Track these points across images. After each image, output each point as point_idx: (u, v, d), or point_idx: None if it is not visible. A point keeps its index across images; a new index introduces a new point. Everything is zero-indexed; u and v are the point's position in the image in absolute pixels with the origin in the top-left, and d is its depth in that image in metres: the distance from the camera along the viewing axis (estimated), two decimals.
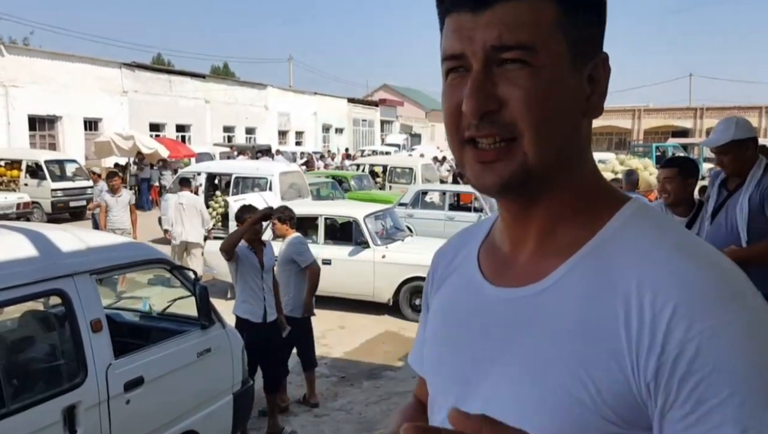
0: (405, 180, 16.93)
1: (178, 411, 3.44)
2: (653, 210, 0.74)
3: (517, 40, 0.65)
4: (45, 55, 21.85)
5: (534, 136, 0.67)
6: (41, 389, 2.82)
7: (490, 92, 0.67)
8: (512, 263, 0.75)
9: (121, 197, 8.59)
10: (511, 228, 0.76)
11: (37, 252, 2.86)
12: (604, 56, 0.72)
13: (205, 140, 26.95)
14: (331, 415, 5.07)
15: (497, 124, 0.67)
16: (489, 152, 0.68)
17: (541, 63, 0.66)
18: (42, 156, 16.94)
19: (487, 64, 0.67)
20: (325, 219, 8.14)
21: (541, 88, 0.66)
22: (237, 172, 12.48)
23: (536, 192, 0.71)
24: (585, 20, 0.70)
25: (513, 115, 0.67)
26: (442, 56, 0.71)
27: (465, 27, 0.67)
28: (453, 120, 0.70)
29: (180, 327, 3.86)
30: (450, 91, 0.71)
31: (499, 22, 0.66)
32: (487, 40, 0.66)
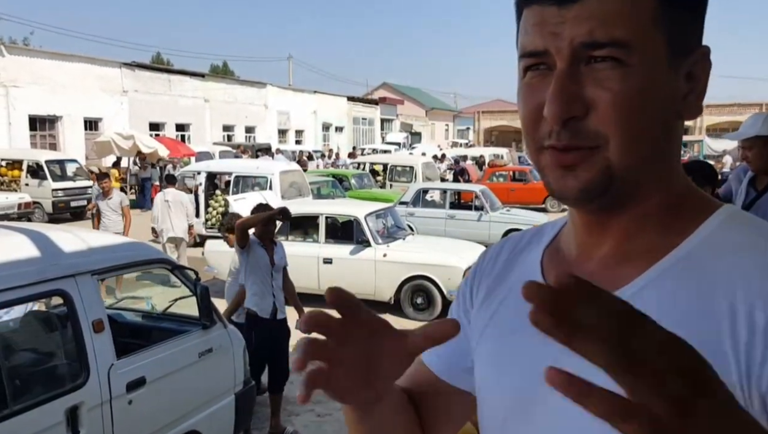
0: (406, 178, 16.93)
1: (180, 412, 3.44)
2: (749, 215, 0.68)
3: (611, 36, 0.58)
4: (45, 55, 21.84)
5: (621, 144, 0.60)
6: (44, 390, 2.82)
7: (575, 95, 0.60)
8: (581, 270, 0.68)
9: (112, 199, 8.23)
10: (582, 234, 0.70)
11: (39, 252, 2.86)
12: (704, 50, 0.64)
13: (204, 139, 26.95)
14: (333, 415, 5.07)
15: (581, 133, 0.61)
16: (570, 156, 0.62)
17: (635, 62, 0.59)
18: (43, 156, 16.94)
19: (573, 63, 0.60)
20: (325, 218, 8.14)
21: (634, 91, 0.59)
22: (237, 171, 12.48)
23: (619, 199, 0.64)
24: (686, 12, 0.63)
25: (600, 121, 0.60)
26: (520, 52, 0.64)
27: (549, 21, 0.61)
28: (531, 124, 0.64)
29: (181, 327, 3.86)
30: (528, 92, 0.64)
31: (590, 15, 0.59)
32: (575, 36, 0.59)
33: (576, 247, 0.71)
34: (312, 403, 5.28)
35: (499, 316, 0.76)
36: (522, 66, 0.65)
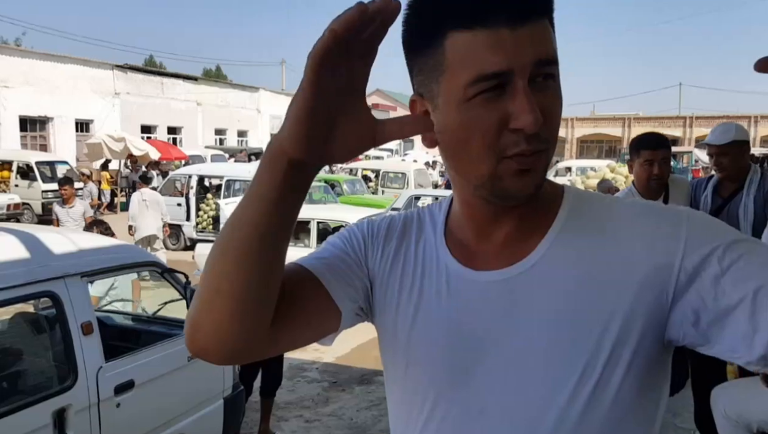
0: (398, 184, 16.95)
1: (168, 415, 3.43)
2: (581, 189, 0.88)
3: (552, 55, 0.71)
4: (37, 56, 21.74)
5: (553, 147, 0.75)
6: (31, 392, 2.80)
7: (537, 106, 0.70)
8: (484, 252, 0.81)
9: (74, 208, 7.65)
10: (482, 221, 0.81)
11: (28, 254, 2.85)
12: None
13: (196, 143, 26.90)
14: (322, 420, 5.06)
15: (540, 139, 0.71)
16: (529, 160, 0.72)
17: (557, 77, 0.73)
18: (33, 157, 16.85)
19: (530, 79, 0.70)
20: (317, 223, 8.14)
21: (559, 102, 0.74)
22: (228, 175, 12.45)
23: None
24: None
25: (549, 128, 0.72)
26: (478, 75, 0.69)
27: (507, 43, 0.68)
28: (494, 135, 0.71)
29: (171, 330, 3.84)
30: (484, 109, 0.70)
31: (537, 38, 0.70)
32: (533, 56, 0.69)
33: (474, 232, 0.83)
34: (300, 409, 5.27)
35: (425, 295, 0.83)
36: (474, 90, 0.70)
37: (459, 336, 0.79)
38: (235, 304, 0.71)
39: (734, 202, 3.22)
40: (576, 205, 0.81)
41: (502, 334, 0.77)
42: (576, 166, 22.08)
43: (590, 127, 47.68)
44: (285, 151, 0.65)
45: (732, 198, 3.26)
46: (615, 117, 47.66)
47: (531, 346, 0.76)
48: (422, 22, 0.73)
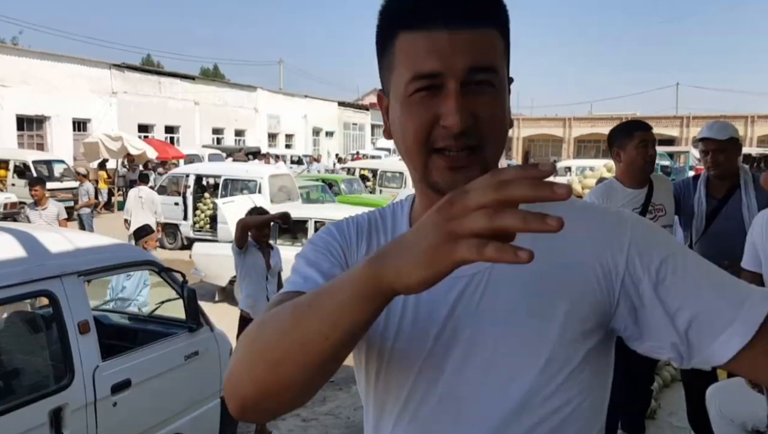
0: (395, 184, 16.94)
1: (165, 415, 3.43)
2: None
3: (489, 64, 0.76)
4: (34, 55, 21.69)
5: (493, 147, 0.79)
6: (27, 390, 2.80)
7: (467, 109, 0.76)
8: None
9: (47, 210, 7.30)
10: None
11: (25, 252, 2.85)
12: (512, 80, 0.87)
13: (194, 142, 26.85)
14: (319, 419, 5.07)
15: (469, 137, 0.77)
16: (459, 159, 0.78)
17: (498, 86, 0.78)
18: (30, 156, 16.81)
19: (463, 84, 0.75)
20: (314, 222, 8.14)
21: (499, 108, 0.79)
22: (226, 174, 12.44)
23: None
24: (509, 51, 0.83)
25: (481, 129, 0.77)
26: (415, 74, 0.76)
27: (442, 47, 0.74)
28: (424, 132, 0.78)
29: (168, 329, 3.84)
30: (419, 107, 0.78)
31: (476, 45, 0.75)
32: (466, 62, 0.75)
33: None
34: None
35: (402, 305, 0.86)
36: (413, 87, 0.77)
37: (429, 328, 0.83)
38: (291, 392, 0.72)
39: (732, 203, 3.17)
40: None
41: (470, 326, 0.81)
42: (576, 166, 22.10)
43: (587, 127, 47.72)
44: (393, 287, 0.61)
45: (728, 198, 3.21)
46: (612, 117, 47.64)
47: (497, 336, 0.80)
48: (382, 24, 0.81)
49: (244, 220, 4.58)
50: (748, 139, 42.63)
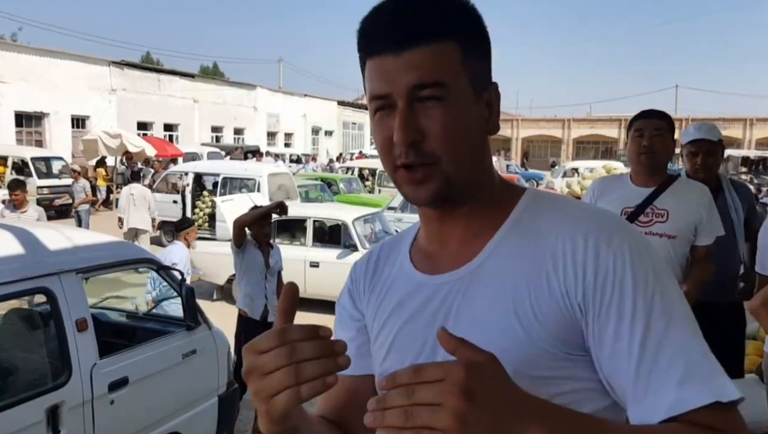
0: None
1: (162, 413, 3.42)
2: (546, 191, 0.94)
3: (434, 79, 0.78)
4: (33, 52, 21.64)
5: (451, 159, 0.80)
6: (24, 388, 2.79)
7: (414, 125, 0.79)
8: (443, 256, 0.89)
9: (26, 213, 6.91)
10: (438, 230, 0.90)
11: (23, 249, 2.84)
12: (495, 85, 0.87)
13: (193, 140, 26.82)
14: None
15: (421, 153, 0.80)
16: (418, 174, 0.81)
17: (451, 98, 0.79)
18: (28, 153, 16.79)
19: (409, 102, 0.79)
20: (313, 221, 8.14)
21: (453, 119, 0.80)
22: (225, 173, 12.42)
23: (459, 199, 0.85)
24: (479, 57, 0.84)
25: (433, 143, 0.79)
26: (371, 96, 0.83)
27: (389, 69, 0.79)
28: (386, 149, 0.82)
29: (165, 327, 3.84)
30: (379, 126, 0.83)
31: (418, 64, 0.78)
32: (409, 81, 0.78)
33: (435, 241, 0.91)
34: None
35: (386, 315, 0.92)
36: (372, 108, 0.83)
37: (415, 339, 0.86)
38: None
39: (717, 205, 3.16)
40: (529, 207, 0.87)
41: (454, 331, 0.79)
42: (584, 167, 21.99)
43: (587, 128, 47.74)
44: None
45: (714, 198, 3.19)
46: (611, 118, 47.75)
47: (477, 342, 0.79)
48: (358, 53, 0.86)
49: (240, 218, 4.57)
50: (746, 141, 42.69)
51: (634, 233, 0.82)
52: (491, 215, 0.87)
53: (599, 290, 0.76)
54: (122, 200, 9.72)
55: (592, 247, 0.77)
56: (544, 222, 0.83)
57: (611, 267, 0.76)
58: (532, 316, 0.78)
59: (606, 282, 0.76)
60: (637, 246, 0.79)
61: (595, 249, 0.77)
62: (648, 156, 2.66)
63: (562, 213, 0.83)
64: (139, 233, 9.55)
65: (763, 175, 26.25)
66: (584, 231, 0.79)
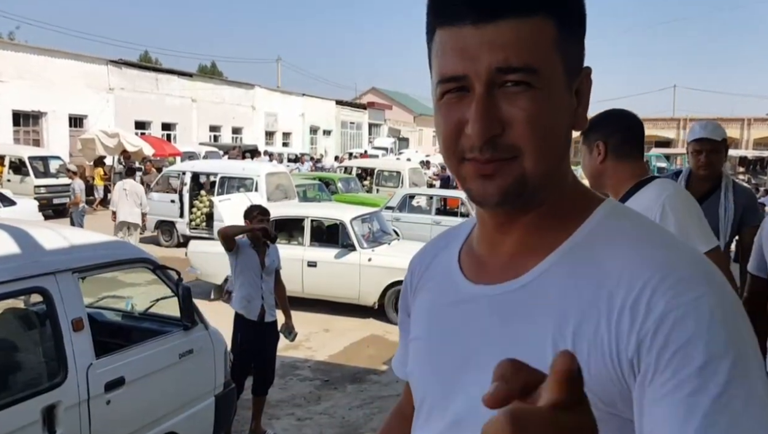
0: (392, 183, 16.95)
1: (159, 413, 3.41)
2: (626, 208, 0.78)
3: (523, 62, 0.66)
4: (31, 50, 21.59)
5: (534, 155, 0.69)
6: (20, 388, 2.78)
7: (494, 115, 0.67)
8: (492, 264, 0.78)
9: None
10: (493, 234, 0.79)
11: (19, 249, 2.83)
12: (587, 70, 0.74)
13: (191, 139, 26.78)
14: (314, 419, 5.05)
15: (499, 148, 0.68)
16: (489, 167, 0.69)
17: (542, 85, 0.67)
18: (25, 152, 16.76)
19: (490, 86, 0.67)
20: (311, 221, 8.13)
21: (542, 110, 0.67)
22: (222, 172, 12.40)
23: (530, 201, 0.73)
24: (576, 37, 0.71)
25: (515, 136, 0.68)
26: (441, 77, 0.70)
27: (467, 45, 0.67)
28: (453, 139, 0.71)
29: (162, 327, 3.83)
30: (447, 111, 0.71)
31: (505, 42, 0.65)
32: (492, 62, 0.66)
33: (487, 245, 0.80)
34: (292, 407, 5.26)
35: (427, 310, 0.85)
36: (440, 90, 0.71)
37: (446, 350, 0.79)
38: None
39: (710, 203, 3.15)
40: (599, 227, 0.72)
41: (481, 351, 0.74)
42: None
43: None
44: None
45: (706, 198, 3.19)
46: None
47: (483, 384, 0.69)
48: (426, 20, 0.73)
49: (223, 230, 4.60)
50: (744, 141, 42.75)
51: (722, 287, 0.64)
52: (554, 226, 0.74)
53: (657, 348, 0.60)
54: (115, 194, 10.23)
55: (661, 295, 0.61)
56: (611, 251, 0.68)
57: (679, 322, 0.60)
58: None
59: (669, 340, 0.60)
60: (722, 304, 0.62)
61: (663, 297, 0.61)
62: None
63: (636, 243, 0.68)
64: (131, 226, 10.01)
65: (760, 175, 26.31)
66: (656, 273, 0.63)
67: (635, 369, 0.62)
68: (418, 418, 0.84)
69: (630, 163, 2.14)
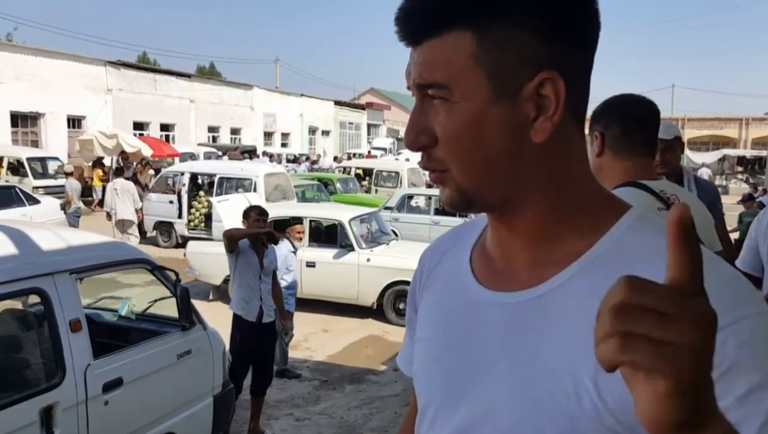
0: (391, 183, 16.94)
1: (157, 413, 3.41)
2: (654, 218, 0.73)
3: (433, 78, 0.68)
4: (29, 51, 21.56)
5: (459, 168, 0.69)
6: (18, 389, 2.77)
7: (424, 127, 0.70)
8: (506, 269, 0.75)
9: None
10: (501, 237, 0.77)
11: (17, 249, 2.82)
12: (549, 75, 0.66)
13: (189, 140, 26.77)
14: (312, 419, 5.05)
15: (431, 159, 0.71)
16: (434, 176, 0.73)
17: (458, 98, 0.67)
18: (24, 153, 16.73)
19: (421, 99, 0.70)
20: (310, 221, 8.13)
21: (457, 123, 0.67)
22: (221, 173, 12.40)
23: (495, 208, 0.73)
24: (513, 43, 0.65)
25: (440, 150, 0.70)
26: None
27: (409, 62, 0.71)
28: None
29: (160, 328, 3.82)
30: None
31: (422, 60, 0.68)
32: (414, 78, 0.70)
33: (499, 249, 0.77)
34: (290, 407, 5.26)
35: (435, 310, 0.83)
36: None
37: (455, 355, 0.76)
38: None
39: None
40: (629, 236, 0.68)
41: (494, 361, 0.72)
42: None
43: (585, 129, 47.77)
44: None
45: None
46: None
47: (494, 398, 0.70)
48: None
49: (229, 232, 4.60)
50: (742, 141, 42.79)
51: (762, 304, 0.60)
52: (569, 234, 0.70)
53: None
54: (108, 196, 10.42)
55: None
56: (640, 267, 0.59)
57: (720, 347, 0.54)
58: (592, 387, 0.61)
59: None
60: (765, 324, 0.58)
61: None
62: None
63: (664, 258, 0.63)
64: (126, 224, 10.19)
65: (758, 175, 26.33)
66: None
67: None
68: (422, 422, 0.81)
69: (629, 160, 1.83)
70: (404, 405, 5.04)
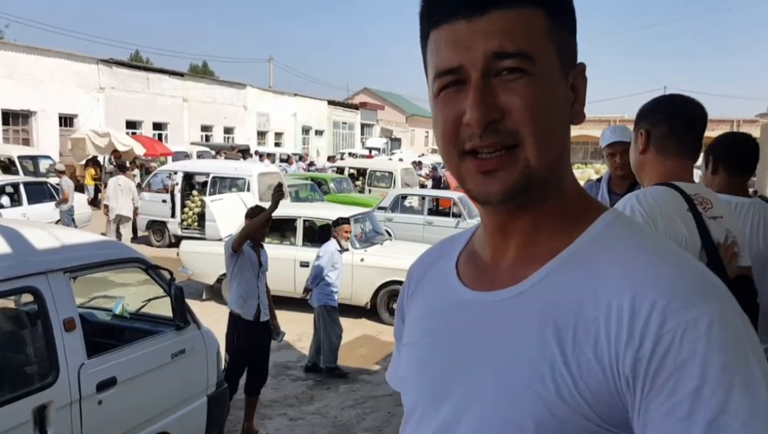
0: (385, 184, 16.96)
1: (151, 413, 3.40)
2: (629, 218, 0.78)
3: (518, 47, 0.66)
4: (20, 49, 21.41)
5: (535, 142, 0.68)
6: (11, 388, 2.76)
7: (492, 102, 0.67)
8: (492, 269, 0.77)
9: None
10: (493, 237, 0.78)
11: (10, 248, 2.81)
12: (581, 66, 0.75)
13: (182, 139, 26.67)
14: (306, 419, 5.05)
15: (500, 133, 0.68)
16: (491, 161, 0.69)
17: (537, 71, 0.67)
18: (15, 151, 16.61)
19: (486, 74, 0.67)
20: (303, 221, 8.12)
21: (539, 96, 0.68)
22: (215, 172, 12.36)
23: (533, 198, 0.72)
24: (567, 30, 0.72)
25: (515, 123, 0.67)
26: (437, 72, 0.71)
27: (461, 37, 0.68)
28: (452, 132, 0.70)
29: (154, 327, 3.81)
30: (445, 105, 0.71)
31: (498, 30, 0.66)
32: (488, 48, 0.66)
33: (489, 250, 0.79)
34: (284, 407, 5.26)
35: (420, 315, 0.84)
36: (437, 86, 0.71)
37: (440, 355, 0.78)
38: None
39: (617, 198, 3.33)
40: (600, 237, 0.71)
41: (473, 357, 0.73)
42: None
43: (575, 129, 47.75)
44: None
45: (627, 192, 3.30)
46: (600, 119, 47.95)
47: (474, 395, 0.71)
48: (420, 28, 0.75)
49: (253, 225, 4.57)
50: None
51: (726, 304, 0.63)
52: (555, 230, 0.73)
53: (654, 366, 0.59)
54: (110, 189, 10.68)
55: (659, 312, 0.60)
56: (611, 262, 0.67)
57: (677, 341, 0.59)
58: (568, 376, 0.64)
59: (666, 359, 0.59)
60: (723, 319, 0.60)
61: (662, 314, 0.60)
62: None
63: (636, 254, 0.66)
64: (122, 220, 10.63)
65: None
66: (654, 288, 0.62)
67: (631, 386, 0.61)
68: (408, 423, 0.82)
69: (670, 160, 1.82)
70: (397, 405, 5.05)
